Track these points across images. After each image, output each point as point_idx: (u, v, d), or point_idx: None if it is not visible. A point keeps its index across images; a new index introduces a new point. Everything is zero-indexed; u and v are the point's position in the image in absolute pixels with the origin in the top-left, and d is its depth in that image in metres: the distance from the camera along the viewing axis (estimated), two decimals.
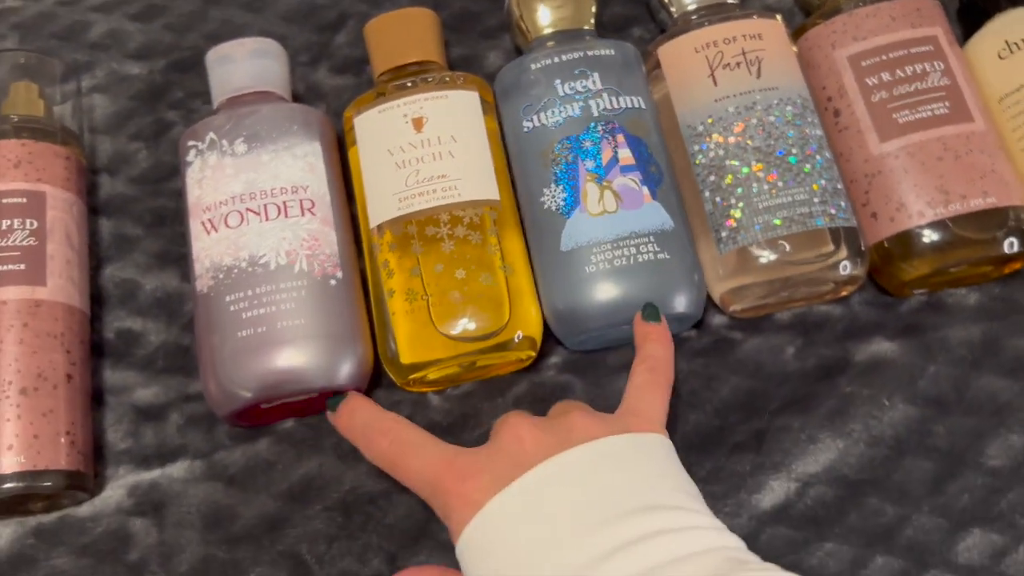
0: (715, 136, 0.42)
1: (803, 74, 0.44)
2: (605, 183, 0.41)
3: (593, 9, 0.46)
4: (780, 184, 0.41)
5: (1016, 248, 0.41)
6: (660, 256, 0.40)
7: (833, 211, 0.40)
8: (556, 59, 0.43)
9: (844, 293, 0.42)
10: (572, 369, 0.42)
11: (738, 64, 0.43)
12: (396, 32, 0.45)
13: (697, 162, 0.42)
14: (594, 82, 0.43)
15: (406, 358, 0.40)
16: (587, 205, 0.41)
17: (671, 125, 0.44)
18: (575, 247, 0.40)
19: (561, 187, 0.41)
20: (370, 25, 0.46)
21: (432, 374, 0.40)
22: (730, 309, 0.42)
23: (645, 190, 0.41)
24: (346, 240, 0.42)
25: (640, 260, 0.40)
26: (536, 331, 0.41)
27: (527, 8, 0.46)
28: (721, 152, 0.42)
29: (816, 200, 0.40)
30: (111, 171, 0.46)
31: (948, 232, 0.40)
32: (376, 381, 0.41)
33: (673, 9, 0.46)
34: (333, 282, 0.40)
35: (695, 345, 0.42)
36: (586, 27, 0.46)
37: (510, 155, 0.44)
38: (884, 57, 0.43)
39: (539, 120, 0.43)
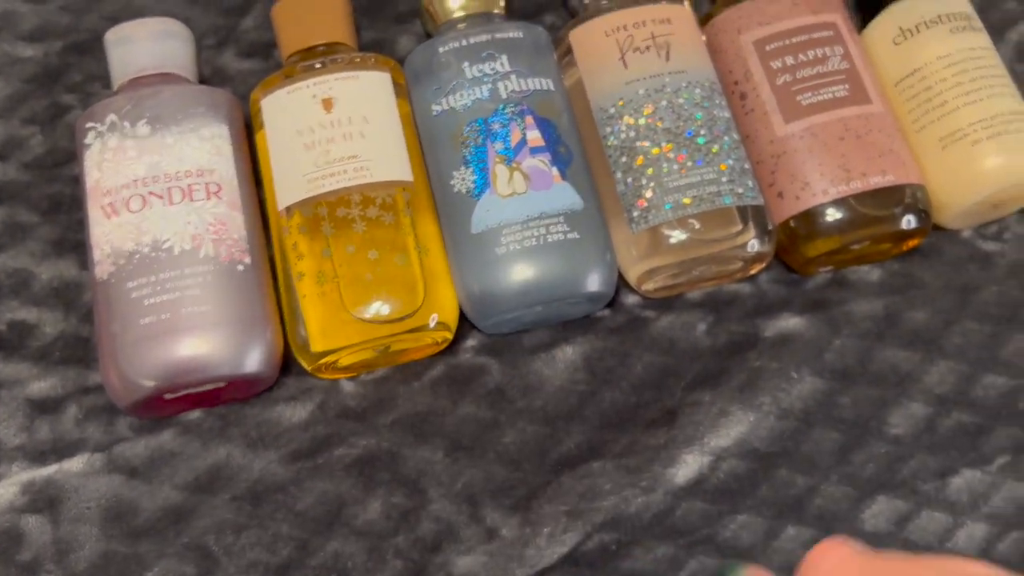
0: (626, 118, 0.42)
1: (711, 59, 0.45)
2: (514, 164, 0.41)
3: None
4: (689, 164, 0.41)
5: (913, 224, 0.42)
6: (570, 236, 0.40)
7: (741, 190, 0.41)
8: (464, 42, 0.43)
9: (753, 271, 0.43)
10: (489, 351, 0.41)
11: (647, 48, 0.43)
12: (304, 13, 0.44)
13: (609, 144, 0.42)
14: (502, 64, 0.43)
15: (317, 344, 0.39)
16: (497, 187, 0.41)
17: (583, 109, 0.44)
18: (485, 229, 0.40)
19: (471, 169, 0.41)
20: (277, 7, 0.45)
21: (345, 360, 0.39)
22: (643, 288, 0.42)
23: (555, 170, 0.41)
24: (254, 225, 0.41)
25: (550, 240, 0.40)
26: (451, 314, 0.40)
27: None
28: (632, 134, 0.42)
29: (724, 179, 0.41)
30: (3, 156, 0.44)
31: (850, 209, 0.41)
32: (288, 368, 0.40)
33: None
34: (240, 267, 0.39)
35: (609, 324, 0.42)
36: (495, 11, 0.46)
37: (421, 138, 0.43)
38: (787, 42, 0.44)
39: (448, 103, 0.42)
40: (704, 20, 0.46)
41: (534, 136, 0.42)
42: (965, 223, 0.45)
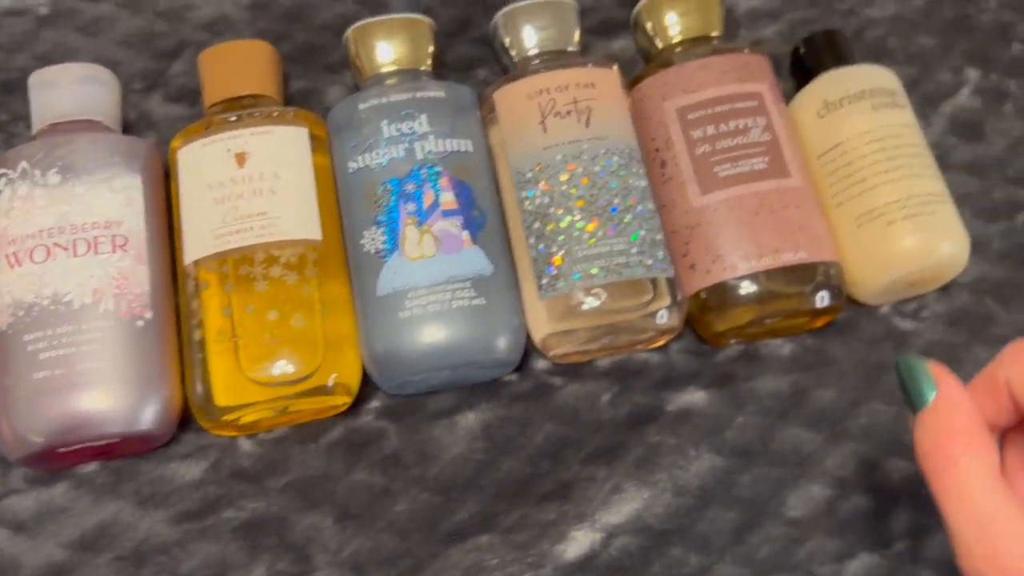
0: (542, 183, 0.42)
1: (635, 124, 0.45)
2: (425, 227, 0.41)
3: (431, 49, 0.46)
4: (600, 233, 0.41)
5: (827, 302, 0.42)
6: (476, 302, 0.40)
7: (650, 262, 0.41)
8: (384, 99, 0.43)
9: (662, 342, 0.43)
10: (390, 415, 0.41)
11: (568, 112, 0.43)
12: (229, 63, 0.44)
13: (525, 208, 0.42)
14: (421, 124, 0.43)
15: (215, 402, 0.38)
16: (405, 249, 0.40)
17: (504, 169, 0.44)
18: (391, 291, 0.40)
19: (381, 230, 0.41)
20: (204, 55, 0.45)
21: (245, 418, 0.39)
22: (551, 354, 0.42)
23: (465, 234, 0.41)
24: (162, 278, 0.41)
25: (455, 306, 0.39)
26: (353, 376, 0.40)
27: (363, 46, 0.45)
28: (546, 200, 0.42)
29: (634, 251, 0.41)
30: None
31: (760, 285, 0.41)
32: (187, 423, 0.40)
33: (513, 53, 0.47)
34: (141, 323, 0.39)
35: (515, 389, 0.42)
36: (422, 67, 0.46)
37: (339, 195, 0.43)
38: (710, 111, 0.44)
39: (364, 161, 0.42)
40: (632, 82, 0.46)
41: (448, 198, 0.42)
42: (883, 299, 0.45)
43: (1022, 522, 0.27)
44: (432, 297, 0.40)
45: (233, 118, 0.42)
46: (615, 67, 0.45)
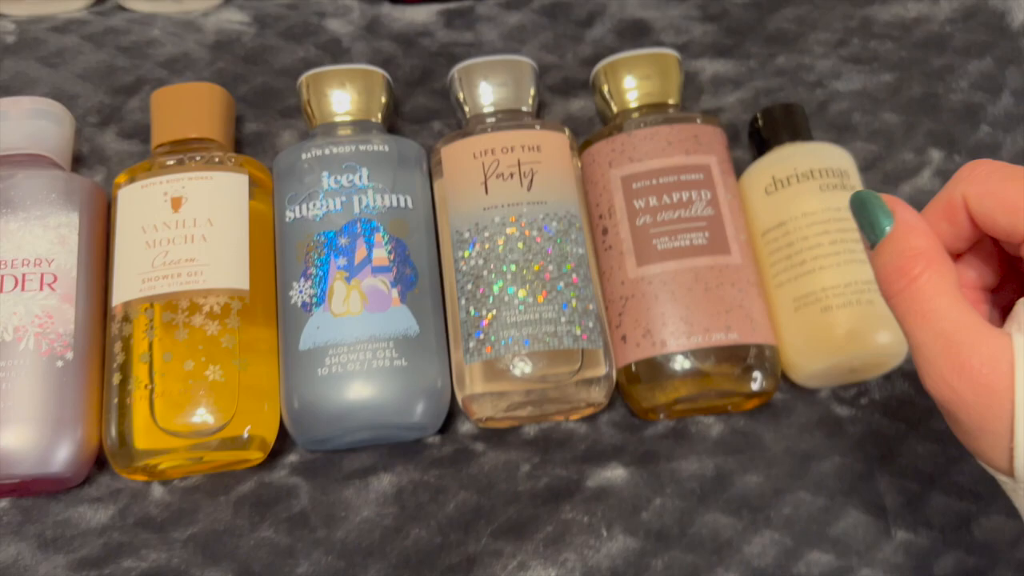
0: (477, 245, 0.42)
1: (583, 188, 0.45)
2: (354, 282, 0.40)
3: (383, 100, 0.46)
4: (531, 300, 0.40)
5: (755, 386, 0.41)
6: (397, 363, 0.39)
7: (579, 332, 0.40)
8: (327, 151, 0.43)
9: (589, 413, 0.42)
10: (304, 471, 0.41)
11: (511, 174, 0.43)
12: (178, 105, 0.45)
13: (459, 268, 0.42)
14: (361, 178, 0.42)
15: (126, 447, 0.38)
16: (331, 304, 0.40)
17: (446, 226, 0.43)
18: (312, 347, 0.40)
19: (310, 283, 0.41)
20: (156, 94, 0.45)
21: (160, 465, 0.39)
22: (474, 418, 0.42)
23: (394, 292, 0.41)
24: (90, 318, 0.41)
25: (375, 366, 0.39)
26: (270, 429, 0.40)
27: (315, 93, 0.45)
28: (480, 262, 0.41)
29: (564, 320, 0.40)
30: None
31: (688, 364, 0.40)
32: (102, 464, 0.40)
33: (467, 108, 0.46)
34: (60, 363, 0.39)
35: (435, 453, 0.41)
36: (373, 119, 0.45)
37: (276, 244, 0.43)
38: (654, 181, 0.43)
39: (300, 211, 0.42)
40: (583, 146, 0.46)
41: (380, 255, 0.41)
42: (822, 383, 0.44)
43: (986, 331, 0.26)
44: (353, 356, 0.39)
45: (171, 162, 0.42)
46: (566, 131, 0.45)
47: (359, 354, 0.39)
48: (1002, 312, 0.31)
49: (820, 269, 0.41)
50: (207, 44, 0.50)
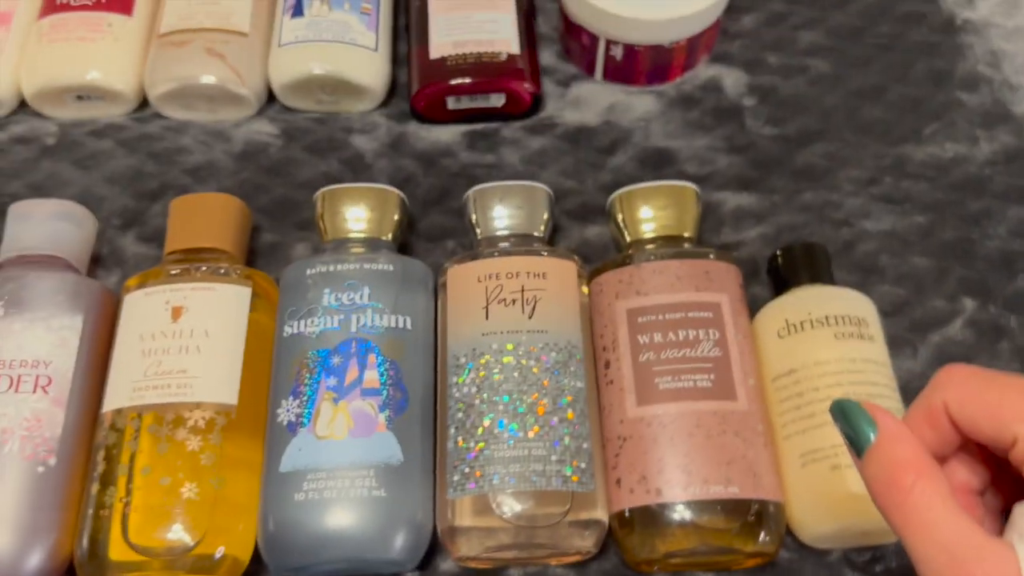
0: (472, 372, 0.41)
1: (589, 318, 0.43)
2: (341, 404, 0.40)
3: (396, 218, 0.46)
4: (520, 435, 0.39)
5: (755, 545, 0.38)
6: (375, 493, 0.38)
7: (569, 473, 0.38)
8: (331, 267, 0.43)
9: (577, 560, 0.40)
10: None
11: (514, 301, 0.42)
12: (193, 214, 0.45)
13: (452, 394, 0.41)
14: (362, 296, 0.42)
15: (96, 561, 0.37)
16: (316, 426, 0.39)
17: (444, 349, 0.42)
18: (293, 469, 0.38)
19: (297, 402, 0.40)
20: (175, 202, 0.46)
21: None
22: (455, 556, 0.40)
23: (381, 417, 0.39)
24: (79, 423, 0.41)
25: (352, 495, 0.38)
26: (244, 550, 0.39)
27: (329, 209, 0.46)
28: (473, 390, 0.40)
29: (554, 459, 0.38)
30: None
31: (684, 516, 0.38)
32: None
33: (479, 230, 0.46)
34: (41, 468, 0.39)
35: None
36: (384, 237, 0.45)
37: (273, 359, 0.43)
38: (660, 317, 0.42)
39: (298, 327, 0.42)
40: (592, 274, 0.45)
41: (371, 376, 0.40)
42: (832, 544, 0.40)
43: (988, 543, 0.26)
44: (331, 482, 0.38)
45: (175, 271, 0.43)
46: (575, 260, 0.44)
47: (338, 481, 0.38)
48: (993, 515, 0.29)
49: (831, 424, 0.38)
50: (234, 154, 0.51)
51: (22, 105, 0.53)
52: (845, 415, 0.29)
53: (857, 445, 0.29)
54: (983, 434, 0.28)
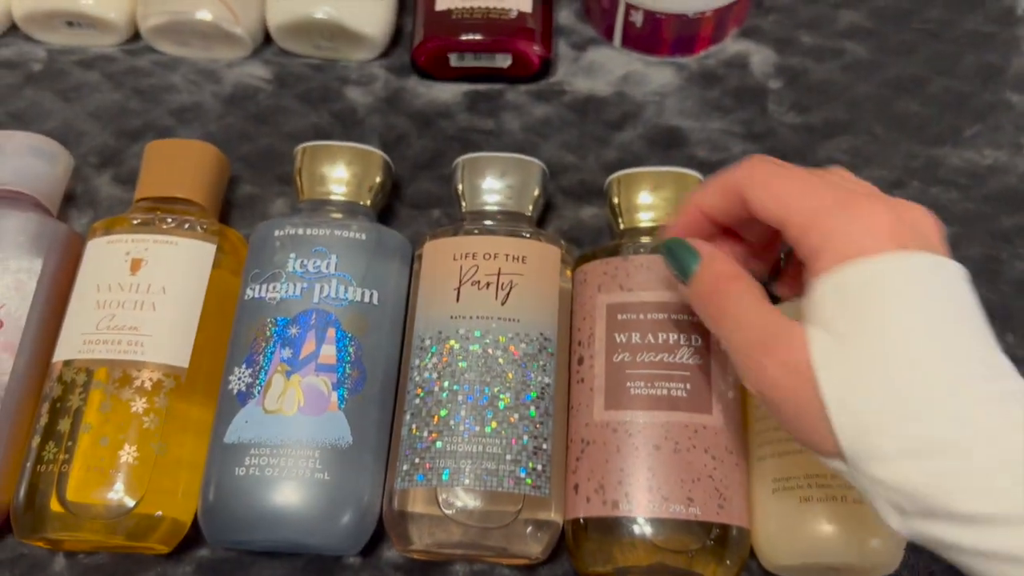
0: (434, 357, 0.38)
1: (569, 308, 0.41)
2: (294, 379, 0.38)
3: (378, 182, 0.43)
4: (476, 429, 0.37)
5: (721, 568, 0.36)
6: (318, 476, 0.36)
7: (523, 475, 0.36)
8: (300, 231, 0.41)
9: (525, 563, 0.38)
10: (207, 571, 0.38)
11: (488, 284, 0.39)
12: (168, 161, 0.43)
13: (412, 378, 0.39)
14: (328, 265, 0.40)
15: (30, 515, 0.36)
16: (265, 399, 0.37)
17: (411, 329, 0.40)
18: (237, 441, 0.37)
19: (250, 371, 0.38)
20: (150, 146, 0.44)
21: (60, 539, 0.37)
22: (398, 547, 0.38)
23: (334, 396, 0.38)
24: (29, 371, 0.39)
25: (295, 475, 0.36)
26: (182, 518, 0.37)
27: (308, 167, 0.43)
28: (434, 375, 0.38)
29: (509, 458, 0.36)
30: None
31: (639, 533, 0.35)
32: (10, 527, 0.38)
33: (464, 204, 0.43)
34: None
35: None
36: (361, 202, 0.43)
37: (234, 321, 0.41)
38: (641, 316, 0.39)
39: (259, 292, 0.40)
40: (578, 262, 0.42)
41: (328, 352, 0.38)
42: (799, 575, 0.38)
43: (787, 322, 0.29)
44: (274, 460, 0.36)
45: (138, 220, 0.41)
46: (560, 245, 0.41)
47: (281, 459, 0.36)
48: None
49: (808, 451, 0.36)
50: (222, 96, 0.49)
51: (12, 28, 0.51)
52: (672, 251, 0.33)
53: (685, 273, 0.33)
54: (767, 212, 0.31)
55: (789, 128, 0.48)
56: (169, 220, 0.41)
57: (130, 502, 0.36)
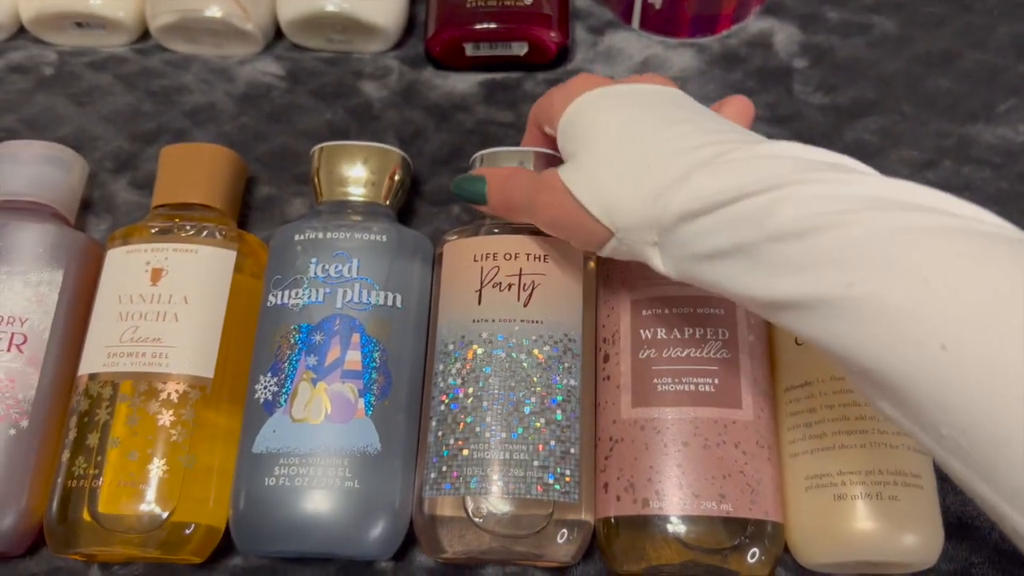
0: (458, 362, 0.38)
1: (593, 306, 0.40)
2: (320, 386, 0.37)
3: (397, 181, 0.43)
4: (504, 436, 0.36)
5: (751, 568, 0.35)
6: (348, 484, 0.36)
7: (552, 480, 0.36)
8: (320, 235, 0.40)
9: (556, 565, 0.38)
10: None
11: (509, 286, 0.39)
12: (183, 166, 0.43)
13: (437, 384, 0.38)
14: (351, 269, 0.39)
15: (64, 529, 0.37)
16: (292, 407, 0.37)
17: (435, 334, 0.40)
18: (265, 451, 0.37)
19: (276, 379, 0.38)
20: (165, 151, 0.43)
21: (94, 552, 0.37)
22: (429, 554, 0.38)
23: (361, 403, 0.37)
24: (55, 385, 0.40)
25: (324, 484, 0.36)
26: (219, 520, 0.38)
27: (325, 167, 0.42)
28: (459, 382, 0.37)
29: (537, 464, 0.36)
30: None
31: (671, 531, 0.35)
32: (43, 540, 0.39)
33: None
34: (13, 431, 0.38)
35: None
36: (381, 202, 0.42)
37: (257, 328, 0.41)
38: (666, 311, 0.38)
39: (282, 298, 0.39)
40: (601, 257, 0.41)
41: (353, 358, 0.38)
42: (837, 571, 0.37)
43: (533, 181, 0.36)
44: (304, 469, 0.36)
45: (157, 229, 0.40)
46: None
47: (311, 468, 0.36)
48: None
49: (840, 448, 0.35)
50: (235, 95, 0.48)
51: (21, 31, 0.50)
52: (462, 187, 0.39)
53: (479, 196, 0.38)
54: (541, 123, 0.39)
55: (816, 109, 0.46)
56: (188, 227, 0.41)
57: (162, 514, 0.36)
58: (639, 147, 0.32)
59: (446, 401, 0.37)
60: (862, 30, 0.48)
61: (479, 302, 0.39)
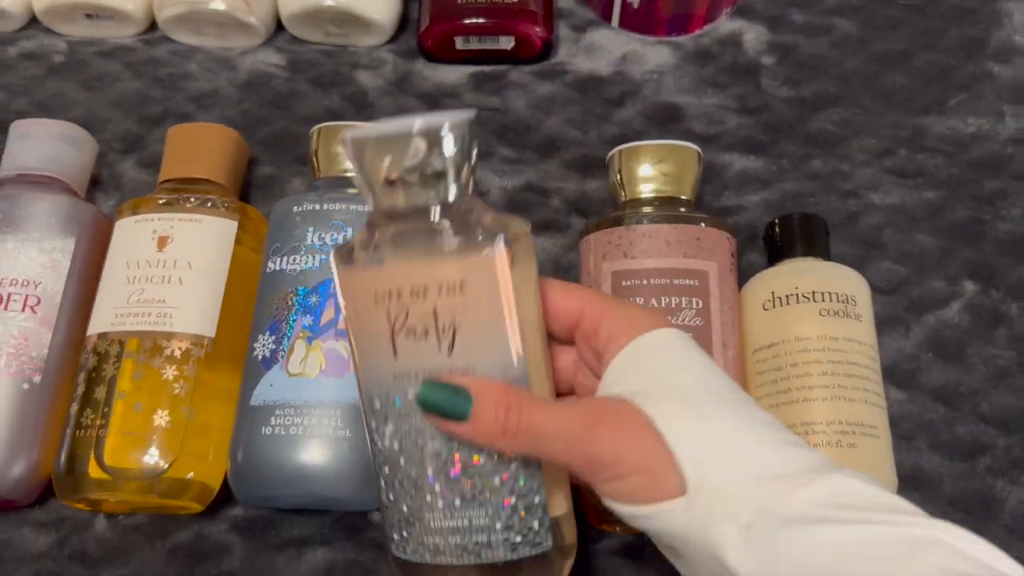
0: (391, 425, 0.31)
1: (536, 311, 0.38)
2: (315, 344, 0.40)
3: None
4: (457, 503, 0.31)
5: None
6: (340, 433, 0.38)
7: (519, 539, 0.31)
8: (317, 206, 0.43)
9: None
10: (242, 530, 0.40)
11: (425, 332, 0.30)
12: (189, 144, 0.45)
13: (375, 443, 0.32)
14: (345, 237, 0.42)
15: (72, 478, 0.39)
16: (289, 363, 0.40)
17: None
18: (263, 403, 0.39)
19: (273, 338, 0.40)
20: (171, 130, 0.46)
21: (99, 500, 0.39)
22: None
23: None
24: (66, 344, 0.42)
25: (318, 433, 0.38)
26: (213, 479, 0.40)
27: (323, 146, 0.45)
28: (396, 446, 0.31)
29: (499, 525, 0.31)
30: None
31: None
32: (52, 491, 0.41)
33: (368, 203, 0.32)
34: (26, 386, 0.40)
35: (376, 534, 0.40)
36: None
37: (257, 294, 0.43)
38: (644, 282, 0.41)
39: (280, 264, 0.42)
40: (583, 233, 0.44)
41: None
42: None
43: (603, 397, 0.30)
44: (298, 419, 0.38)
45: (164, 200, 0.43)
46: (500, 249, 0.30)
47: (305, 418, 0.39)
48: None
49: (804, 401, 0.38)
50: (238, 83, 0.51)
51: (33, 21, 0.53)
52: (431, 396, 0.29)
53: (462, 415, 0.29)
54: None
55: (782, 102, 0.50)
56: (192, 199, 0.43)
57: (164, 464, 0.38)
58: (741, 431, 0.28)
59: (390, 463, 0.32)
60: (825, 31, 0.52)
61: (395, 354, 0.30)
